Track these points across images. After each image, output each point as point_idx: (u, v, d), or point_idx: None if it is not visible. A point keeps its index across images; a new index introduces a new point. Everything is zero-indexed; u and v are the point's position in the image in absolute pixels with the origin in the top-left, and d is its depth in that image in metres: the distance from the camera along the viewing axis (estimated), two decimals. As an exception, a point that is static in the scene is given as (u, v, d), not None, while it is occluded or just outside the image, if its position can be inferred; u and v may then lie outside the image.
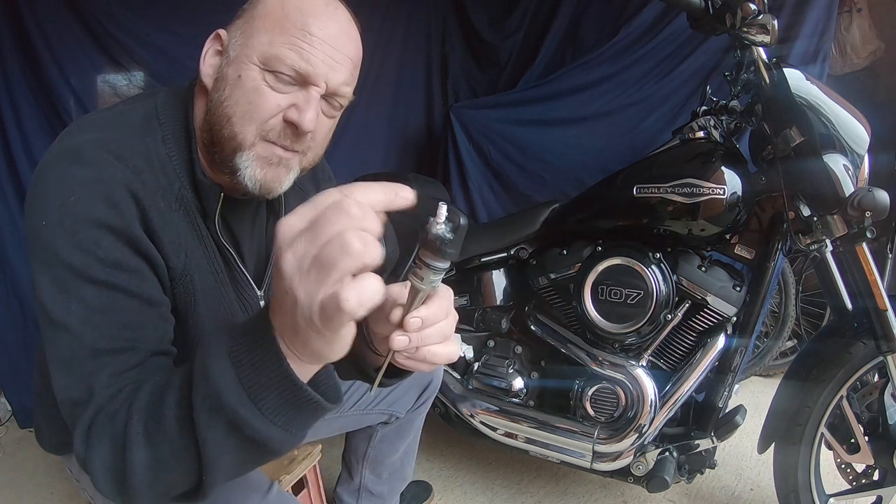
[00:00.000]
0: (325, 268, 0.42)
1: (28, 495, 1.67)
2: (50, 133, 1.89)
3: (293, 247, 0.44)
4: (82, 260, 0.63)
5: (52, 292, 0.64)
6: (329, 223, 0.43)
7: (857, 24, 2.36)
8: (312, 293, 0.43)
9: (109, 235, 0.65)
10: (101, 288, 0.64)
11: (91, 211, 0.64)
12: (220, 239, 0.78)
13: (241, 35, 0.71)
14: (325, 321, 0.44)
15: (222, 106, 0.71)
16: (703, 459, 1.36)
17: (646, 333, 1.33)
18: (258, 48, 0.69)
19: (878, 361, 1.20)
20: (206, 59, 0.74)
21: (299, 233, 0.44)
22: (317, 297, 0.43)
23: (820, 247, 1.22)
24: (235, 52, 0.71)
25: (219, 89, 0.72)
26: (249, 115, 0.70)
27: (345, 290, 0.41)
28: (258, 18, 0.70)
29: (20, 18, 1.77)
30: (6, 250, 1.87)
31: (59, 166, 0.67)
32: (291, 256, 0.44)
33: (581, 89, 2.33)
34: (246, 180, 0.72)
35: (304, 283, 0.44)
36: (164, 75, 1.98)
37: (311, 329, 0.46)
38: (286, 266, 0.44)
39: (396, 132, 2.74)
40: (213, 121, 0.72)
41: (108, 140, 0.69)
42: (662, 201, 1.26)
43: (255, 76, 0.69)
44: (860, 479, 1.29)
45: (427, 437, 1.90)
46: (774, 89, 1.18)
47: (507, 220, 1.64)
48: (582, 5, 2.44)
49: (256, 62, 0.69)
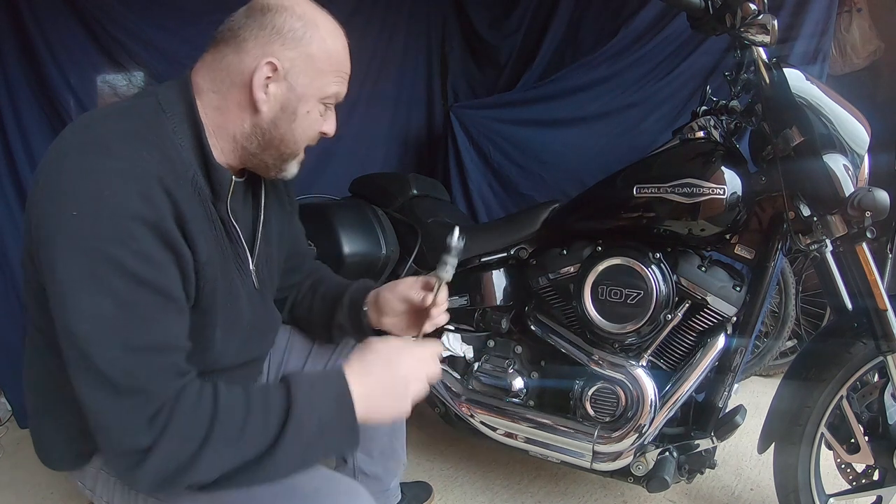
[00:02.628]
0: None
1: (28, 495, 1.67)
2: (50, 133, 1.88)
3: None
4: (118, 252, 0.66)
5: (83, 280, 0.66)
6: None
7: (857, 24, 2.35)
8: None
9: (143, 228, 0.67)
10: (132, 281, 0.67)
11: (127, 204, 0.67)
12: (231, 219, 0.84)
13: (305, 75, 0.81)
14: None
15: (290, 132, 0.83)
16: (703, 459, 1.36)
17: (646, 333, 1.33)
18: (323, 88, 0.83)
19: (878, 361, 1.19)
20: (258, 85, 0.79)
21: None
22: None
23: (820, 247, 1.21)
24: (302, 90, 0.81)
25: (286, 119, 0.82)
26: (308, 137, 0.86)
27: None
28: (320, 61, 0.81)
29: (20, 18, 1.76)
30: (6, 250, 1.87)
31: (86, 157, 0.69)
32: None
33: (581, 89, 2.33)
34: (286, 175, 0.89)
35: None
36: (164, 75, 1.98)
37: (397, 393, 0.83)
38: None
39: (396, 132, 2.74)
40: (271, 140, 0.83)
41: (130, 131, 0.72)
42: (662, 201, 1.26)
43: (318, 110, 0.84)
44: (860, 479, 1.29)
45: (427, 437, 1.90)
46: (774, 89, 1.17)
47: (507, 220, 1.64)
48: (582, 5, 2.44)
49: (319, 99, 0.83)
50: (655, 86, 2.20)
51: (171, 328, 0.72)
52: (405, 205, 1.72)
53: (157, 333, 0.70)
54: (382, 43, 2.55)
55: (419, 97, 2.82)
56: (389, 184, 1.79)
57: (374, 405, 0.80)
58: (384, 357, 0.83)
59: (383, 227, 1.64)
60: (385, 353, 0.84)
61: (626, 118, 2.26)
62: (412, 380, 0.83)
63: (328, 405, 0.77)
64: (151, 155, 0.71)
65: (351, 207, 1.66)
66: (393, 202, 1.73)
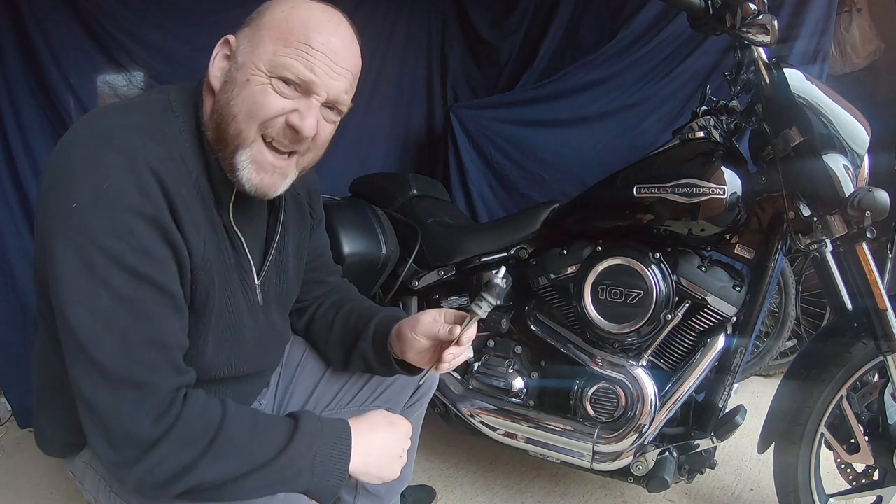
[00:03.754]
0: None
1: (28, 496, 1.66)
2: (50, 133, 1.88)
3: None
4: (116, 245, 0.66)
5: (80, 271, 0.66)
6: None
7: (857, 24, 2.36)
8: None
9: (142, 223, 0.67)
10: (131, 276, 0.67)
11: (125, 198, 0.66)
12: (234, 227, 0.82)
13: (249, 43, 0.76)
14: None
15: (229, 105, 0.75)
16: (703, 459, 1.36)
17: (646, 333, 1.33)
18: (265, 56, 0.74)
19: (878, 361, 1.20)
20: (214, 62, 0.78)
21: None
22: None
23: (820, 247, 1.21)
24: (243, 58, 0.75)
25: (226, 91, 0.76)
26: (254, 112, 0.74)
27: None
28: (265, 28, 0.75)
29: (20, 18, 1.76)
30: (6, 250, 1.87)
31: (89, 148, 0.69)
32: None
33: (581, 89, 2.33)
34: (243, 181, 0.77)
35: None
36: (163, 75, 1.98)
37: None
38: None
39: (396, 132, 2.73)
40: (219, 119, 0.76)
41: (136, 126, 0.72)
42: (662, 201, 1.26)
43: (262, 80, 0.74)
44: (860, 479, 1.29)
45: (427, 437, 1.89)
46: (774, 89, 1.17)
47: (507, 220, 1.64)
48: (582, 5, 2.44)
49: (263, 69, 0.74)
50: (655, 86, 2.20)
51: (169, 324, 0.71)
52: (405, 205, 1.72)
53: (156, 329, 0.70)
54: (382, 43, 2.55)
55: (419, 97, 2.81)
56: (389, 184, 1.79)
57: (370, 462, 0.86)
58: (387, 422, 0.90)
59: (383, 227, 1.64)
60: (388, 420, 0.91)
61: (626, 118, 2.26)
62: (401, 453, 0.91)
63: (328, 444, 0.80)
64: (153, 151, 0.70)
65: (351, 207, 1.66)
66: (393, 202, 1.73)
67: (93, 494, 0.89)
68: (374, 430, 0.87)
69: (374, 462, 0.85)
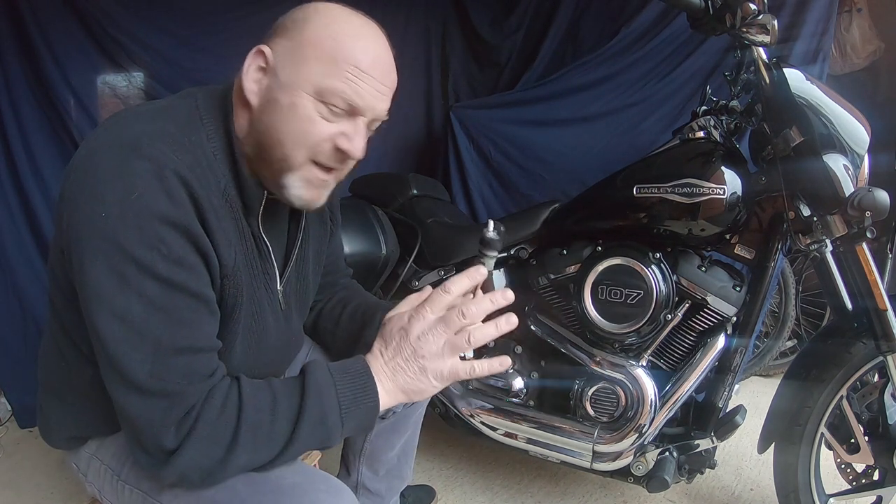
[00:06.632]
0: (454, 350, 0.78)
1: (28, 495, 1.66)
2: (50, 133, 1.89)
3: (433, 331, 0.77)
4: (147, 256, 0.65)
5: (112, 282, 0.65)
6: (454, 322, 0.77)
7: (857, 24, 2.35)
8: (441, 365, 0.77)
9: (173, 231, 0.67)
10: (163, 285, 0.66)
11: (155, 207, 0.66)
12: (262, 235, 0.82)
13: (291, 61, 0.73)
14: (444, 381, 0.79)
15: (274, 129, 0.74)
16: (703, 459, 1.36)
17: (646, 333, 1.33)
18: (312, 78, 0.72)
19: (878, 361, 1.20)
20: (248, 74, 0.75)
21: (433, 323, 0.77)
22: (445, 368, 0.78)
23: (820, 247, 1.21)
24: (286, 77, 0.73)
25: (268, 112, 0.74)
26: (302, 142, 0.74)
27: (463, 367, 0.79)
28: (308, 46, 0.72)
29: (20, 18, 1.77)
30: (6, 250, 1.87)
31: (116, 156, 0.68)
32: (433, 339, 0.77)
33: (581, 89, 2.33)
34: (292, 197, 0.78)
35: (436, 360, 0.77)
36: (163, 76, 1.98)
37: (423, 382, 0.78)
38: (427, 345, 0.77)
39: (396, 132, 2.74)
40: (260, 139, 0.76)
41: (162, 133, 0.70)
42: (662, 201, 1.26)
43: (307, 106, 0.72)
44: (860, 479, 1.29)
45: (427, 437, 1.89)
46: (774, 89, 1.17)
47: (506, 220, 1.64)
48: (582, 5, 2.44)
49: (310, 93, 0.72)
50: (655, 86, 2.20)
51: (202, 329, 0.71)
52: (405, 205, 1.72)
53: (189, 336, 0.69)
54: (382, 43, 2.55)
55: (419, 97, 2.82)
56: (389, 184, 1.79)
57: (399, 382, 0.78)
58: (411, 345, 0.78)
59: (383, 227, 1.64)
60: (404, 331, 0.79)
61: (626, 118, 2.26)
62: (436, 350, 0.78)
63: (345, 386, 0.76)
64: (181, 158, 0.69)
65: (351, 207, 1.66)
66: (393, 202, 1.73)
67: (97, 486, 0.88)
68: (392, 350, 0.78)
69: (406, 379, 0.77)
